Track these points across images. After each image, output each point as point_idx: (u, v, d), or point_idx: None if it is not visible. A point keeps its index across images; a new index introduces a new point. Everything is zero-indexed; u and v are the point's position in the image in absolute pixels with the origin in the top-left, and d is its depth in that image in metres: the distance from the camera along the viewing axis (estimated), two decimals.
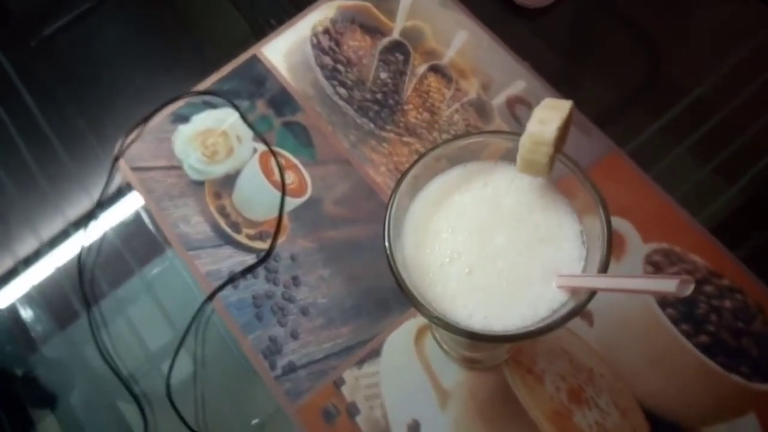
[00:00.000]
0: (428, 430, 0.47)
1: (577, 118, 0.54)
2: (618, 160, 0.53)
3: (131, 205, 0.56)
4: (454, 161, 0.33)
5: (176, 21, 0.65)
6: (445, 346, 0.49)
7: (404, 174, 0.31)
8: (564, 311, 0.29)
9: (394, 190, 0.31)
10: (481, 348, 0.47)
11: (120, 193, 0.57)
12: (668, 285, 0.22)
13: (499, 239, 0.31)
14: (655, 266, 0.50)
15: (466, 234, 0.32)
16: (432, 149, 0.31)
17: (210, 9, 0.64)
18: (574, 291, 0.30)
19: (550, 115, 0.28)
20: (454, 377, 0.48)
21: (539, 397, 0.47)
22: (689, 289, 0.22)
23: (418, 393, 0.48)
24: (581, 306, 0.28)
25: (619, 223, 0.51)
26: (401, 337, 0.50)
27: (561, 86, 0.55)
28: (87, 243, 0.55)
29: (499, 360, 0.48)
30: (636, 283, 0.25)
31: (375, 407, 0.48)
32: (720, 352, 0.47)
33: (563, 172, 0.31)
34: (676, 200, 0.51)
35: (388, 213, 0.30)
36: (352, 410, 0.48)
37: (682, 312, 0.48)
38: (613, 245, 0.49)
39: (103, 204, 0.56)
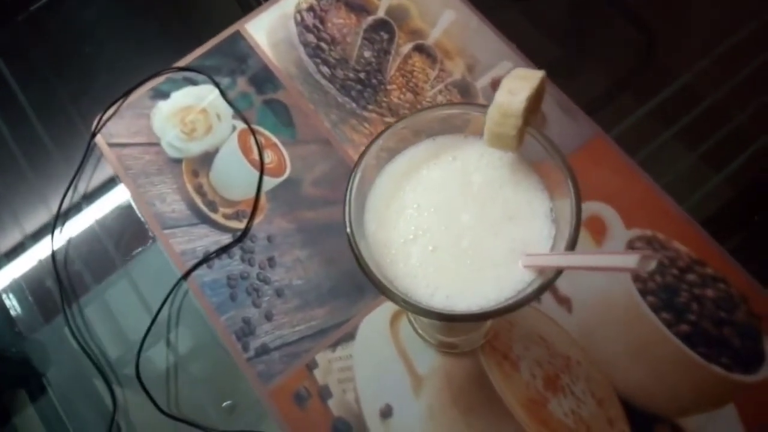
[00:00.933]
0: (401, 415, 0.46)
1: (563, 101, 0.53)
2: (603, 145, 0.52)
3: (108, 182, 0.55)
4: (423, 134, 0.32)
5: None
6: (420, 330, 0.48)
7: (369, 145, 0.30)
8: (529, 290, 0.28)
9: (358, 163, 0.30)
10: (455, 331, 0.46)
11: (97, 169, 0.55)
12: (630, 260, 0.21)
13: (466, 217, 0.30)
14: None
15: (432, 210, 0.30)
16: (399, 120, 0.30)
17: None
18: (540, 271, 0.29)
19: (519, 85, 0.27)
20: (429, 362, 0.48)
21: (514, 384, 0.46)
22: (652, 265, 0.21)
23: (391, 377, 0.47)
24: (546, 285, 0.27)
25: (602, 208, 0.50)
26: (376, 321, 0.49)
27: (548, 69, 0.54)
28: (62, 221, 0.54)
29: (475, 345, 0.47)
30: (599, 260, 0.24)
31: (348, 391, 0.47)
32: (701, 342, 0.46)
33: (535, 148, 0.30)
34: (661, 187, 0.50)
35: (349, 186, 0.29)
36: (324, 394, 0.47)
37: (664, 300, 0.47)
38: (594, 229, 0.49)
39: (79, 181, 0.55)
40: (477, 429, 0.45)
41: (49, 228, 0.54)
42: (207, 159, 0.54)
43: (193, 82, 0.57)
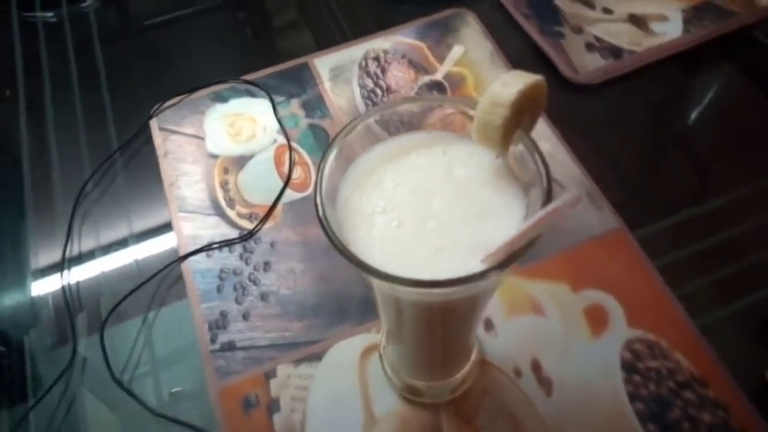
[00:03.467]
0: None
1: (592, 191, 0.53)
2: (623, 239, 0.50)
3: (147, 160, 0.58)
4: (412, 126, 0.33)
5: (257, 21, 0.70)
6: (388, 370, 0.45)
7: (362, 118, 0.31)
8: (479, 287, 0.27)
9: (348, 127, 0.31)
10: (425, 374, 0.43)
11: (142, 148, 0.59)
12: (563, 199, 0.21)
13: (438, 203, 0.30)
14: (634, 354, 0.45)
15: (408, 191, 0.30)
16: (397, 102, 0.31)
17: (285, 23, 0.70)
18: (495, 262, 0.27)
19: (514, 80, 0.28)
20: (388, 405, 0.45)
21: None
22: (577, 205, 0.21)
23: (345, 410, 0.45)
24: (495, 268, 0.26)
25: (607, 300, 0.47)
26: (348, 349, 0.47)
27: (583, 159, 0.54)
28: (94, 181, 0.57)
29: (440, 398, 0.44)
30: (538, 216, 0.23)
31: (296, 411, 0.45)
32: None
33: (526, 163, 0.30)
34: (676, 296, 0.47)
35: (338, 136, 0.30)
36: (273, 407, 0.45)
37: (653, 411, 0.43)
38: (593, 319, 0.46)
39: (123, 152, 0.59)
40: None
41: (80, 185, 0.57)
42: (241, 161, 0.57)
43: (253, 95, 0.61)
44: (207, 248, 0.52)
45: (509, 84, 0.28)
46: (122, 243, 0.54)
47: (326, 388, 0.46)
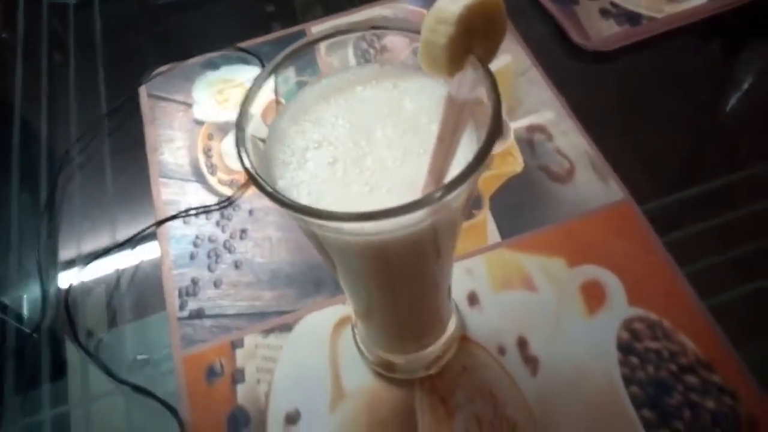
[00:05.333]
0: (307, 425, 0.40)
1: (599, 164, 0.48)
2: (629, 212, 0.46)
3: (133, 124, 0.57)
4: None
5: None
6: (360, 344, 0.42)
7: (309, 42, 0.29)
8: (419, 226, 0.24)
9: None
10: (396, 344, 0.40)
11: (129, 112, 0.58)
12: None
13: (380, 138, 0.27)
14: (633, 334, 0.41)
15: (348, 126, 0.27)
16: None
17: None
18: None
19: None
20: (359, 381, 0.41)
21: None
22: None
23: (313, 383, 0.42)
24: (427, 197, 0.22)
25: (605, 276, 0.43)
26: (320, 321, 0.44)
27: (591, 128, 0.50)
28: (80, 145, 0.56)
29: (416, 373, 0.40)
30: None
31: (262, 382, 0.42)
32: None
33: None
34: (684, 274, 0.43)
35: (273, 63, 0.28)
36: (238, 376, 0.42)
37: (650, 395, 0.38)
38: (590, 295, 0.43)
39: (110, 119, 0.57)
40: None
41: (65, 144, 0.56)
42: (226, 127, 0.55)
43: (245, 62, 0.59)
44: (184, 214, 0.50)
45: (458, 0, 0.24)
46: (100, 207, 0.52)
47: (295, 360, 0.43)
